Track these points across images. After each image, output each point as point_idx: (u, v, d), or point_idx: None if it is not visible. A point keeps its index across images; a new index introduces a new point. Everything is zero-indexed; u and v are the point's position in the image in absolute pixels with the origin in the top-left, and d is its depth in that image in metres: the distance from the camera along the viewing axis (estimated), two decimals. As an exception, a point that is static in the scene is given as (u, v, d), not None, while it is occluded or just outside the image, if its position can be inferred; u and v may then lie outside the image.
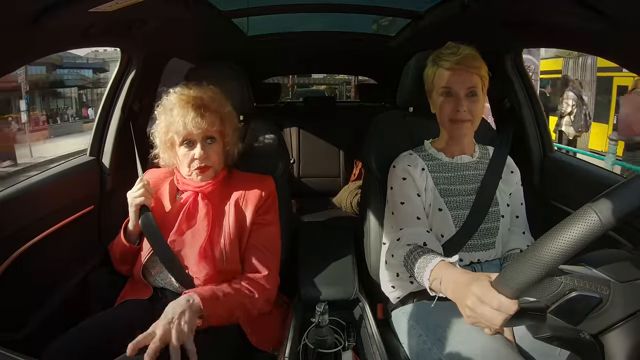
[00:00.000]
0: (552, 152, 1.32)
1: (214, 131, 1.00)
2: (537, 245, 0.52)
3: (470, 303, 0.62)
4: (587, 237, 0.49)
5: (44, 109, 13.05)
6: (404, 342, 0.98)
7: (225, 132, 1.04)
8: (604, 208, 0.48)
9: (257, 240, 1.03)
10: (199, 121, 0.96)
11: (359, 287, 1.23)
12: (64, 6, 0.77)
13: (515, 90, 1.33)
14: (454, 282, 0.71)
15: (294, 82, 12.92)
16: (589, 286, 0.54)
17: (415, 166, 1.02)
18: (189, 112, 0.96)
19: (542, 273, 0.52)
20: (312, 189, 2.38)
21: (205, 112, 0.98)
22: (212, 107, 1.00)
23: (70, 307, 1.11)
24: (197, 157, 0.98)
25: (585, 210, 0.49)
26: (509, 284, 0.56)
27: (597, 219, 0.48)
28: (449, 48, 0.97)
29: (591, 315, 0.54)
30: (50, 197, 1.11)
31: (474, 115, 0.97)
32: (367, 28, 2.03)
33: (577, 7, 0.81)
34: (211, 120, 0.98)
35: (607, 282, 0.54)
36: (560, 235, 0.50)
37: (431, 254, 0.84)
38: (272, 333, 1.03)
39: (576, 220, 0.49)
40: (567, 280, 0.54)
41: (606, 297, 0.53)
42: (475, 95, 0.96)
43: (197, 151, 0.99)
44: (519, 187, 1.08)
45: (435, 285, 0.77)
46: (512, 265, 0.56)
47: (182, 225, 1.00)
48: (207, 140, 1.00)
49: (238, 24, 1.73)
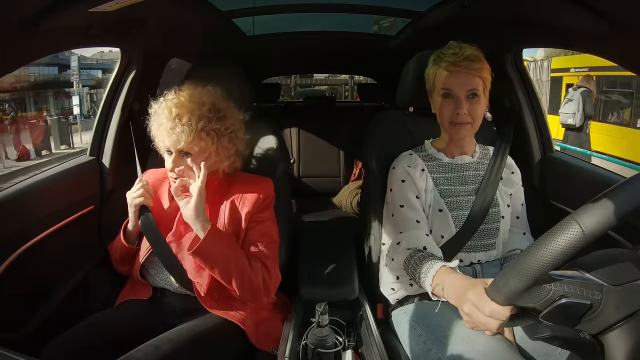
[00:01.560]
0: (552, 152, 1.32)
1: (190, 148, 0.93)
2: (523, 256, 0.53)
3: (467, 309, 0.64)
4: (570, 249, 0.49)
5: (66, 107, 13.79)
6: (404, 342, 0.98)
7: (205, 148, 0.94)
8: (586, 219, 0.48)
9: (254, 236, 1.01)
10: (174, 136, 0.91)
11: (359, 287, 1.23)
12: (64, 6, 0.77)
13: (515, 90, 1.33)
14: (454, 288, 0.73)
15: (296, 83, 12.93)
16: (579, 292, 0.53)
17: (415, 167, 1.02)
18: (166, 124, 0.92)
19: (529, 283, 0.53)
20: (312, 189, 2.38)
21: (183, 126, 0.90)
22: (192, 122, 0.91)
23: (70, 307, 1.11)
24: (169, 169, 0.94)
25: (568, 221, 0.50)
26: (500, 291, 0.58)
27: (580, 231, 0.48)
28: (450, 48, 0.95)
29: (584, 319, 0.54)
30: (50, 197, 1.11)
31: (474, 118, 0.95)
32: (368, 28, 2.03)
33: (577, 7, 0.81)
34: (186, 137, 0.90)
35: (600, 287, 0.54)
36: (544, 247, 0.51)
37: (431, 259, 0.85)
38: (273, 333, 1.03)
39: (559, 231, 0.50)
40: (556, 287, 0.54)
41: (598, 302, 0.53)
42: (476, 97, 0.94)
43: (168, 163, 0.94)
44: (519, 187, 1.08)
45: (437, 291, 0.78)
46: (502, 273, 0.57)
47: (179, 225, 1.00)
48: (183, 154, 0.94)
49: (241, 24, 1.73)
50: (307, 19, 1.86)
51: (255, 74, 2.56)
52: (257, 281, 0.94)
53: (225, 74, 1.21)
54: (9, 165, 8.41)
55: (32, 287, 1.04)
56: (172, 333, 0.86)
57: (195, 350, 0.85)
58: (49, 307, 1.08)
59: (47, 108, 13.49)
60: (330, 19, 1.85)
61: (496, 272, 0.72)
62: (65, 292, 1.13)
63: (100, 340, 0.87)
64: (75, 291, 1.16)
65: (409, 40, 1.76)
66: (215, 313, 0.95)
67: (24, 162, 8.65)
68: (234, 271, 0.91)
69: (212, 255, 0.90)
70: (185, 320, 0.95)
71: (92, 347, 0.85)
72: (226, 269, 0.91)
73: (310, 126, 2.41)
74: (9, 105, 10.55)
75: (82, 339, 0.87)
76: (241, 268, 0.92)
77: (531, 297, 0.55)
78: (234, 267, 0.91)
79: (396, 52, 1.91)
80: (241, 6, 1.57)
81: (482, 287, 0.62)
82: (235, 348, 0.95)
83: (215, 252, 0.90)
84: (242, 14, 1.61)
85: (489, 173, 1.03)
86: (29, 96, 13.07)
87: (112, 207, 1.31)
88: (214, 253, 0.90)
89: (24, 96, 12.80)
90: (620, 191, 0.48)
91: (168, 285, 1.00)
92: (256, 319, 1.00)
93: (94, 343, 0.86)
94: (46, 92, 13.94)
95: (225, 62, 1.29)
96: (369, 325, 1.08)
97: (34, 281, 1.05)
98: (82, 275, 1.20)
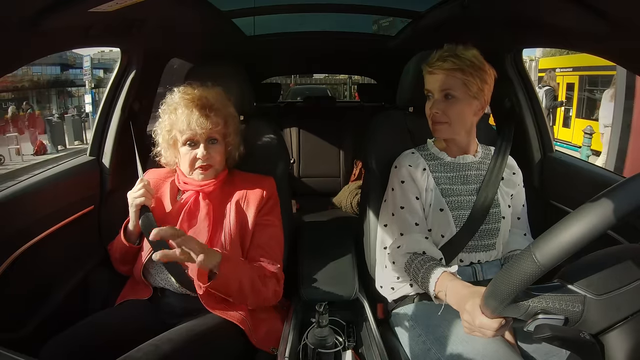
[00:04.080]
0: (552, 152, 1.32)
1: (217, 132, 1.01)
2: (498, 275, 0.56)
3: (465, 317, 0.70)
4: (527, 280, 0.51)
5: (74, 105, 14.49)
6: (404, 342, 0.98)
7: (228, 133, 1.05)
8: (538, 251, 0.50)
9: (261, 240, 1.03)
10: (203, 121, 0.97)
11: (359, 287, 1.22)
12: (64, 6, 0.77)
13: (515, 90, 1.33)
14: (454, 296, 0.77)
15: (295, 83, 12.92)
16: (559, 305, 0.54)
17: (417, 166, 1.02)
18: (194, 112, 0.97)
19: (503, 304, 0.56)
20: (312, 189, 2.38)
21: (209, 112, 0.98)
22: (217, 108, 1.00)
23: (70, 307, 1.11)
24: (200, 157, 0.99)
25: (524, 253, 0.52)
26: (486, 306, 0.61)
27: (534, 262, 0.50)
28: (439, 50, 0.98)
29: (569, 326, 0.55)
30: (50, 197, 1.11)
31: (450, 118, 0.97)
32: (368, 28, 2.03)
33: (577, 7, 0.81)
34: (215, 121, 0.99)
35: (581, 298, 0.54)
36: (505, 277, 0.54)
37: (432, 263, 0.88)
38: (273, 333, 1.03)
39: (516, 263, 0.52)
40: (534, 302, 0.55)
41: (577, 315, 0.54)
42: (452, 98, 0.95)
43: (200, 151, 0.99)
44: (521, 188, 1.08)
45: (441, 296, 0.83)
46: (487, 289, 0.60)
47: (183, 225, 1.00)
48: (210, 141, 1.01)
49: (242, 24, 1.73)
50: (307, 19, 1.86)
51: (256, 74, 2.56)
52: (268, 294, 0.99)
53: (225, 74, 1.21)
54: (27, 159, 8.78)
55: (32, 287, 1.04)
56: (172, 333, 0.86)
57: (195, 350, 0.84)
58: (49, 307, 1.08)
59: (64, 105, 14.25)
60: (330, 19, 1.85)
61: (496, 272, 0.73)
62: (65, 292, 1.13)
63: (101, 339, 0.87)
64: (75, 291, 1.16)
65: (409, 40, 1.76)
66: (215, 313, 0.95)
67: (42, 157, 9.00)
68: (247, 291, 0.94)
69: (227, 285, 0.91)
70: (185, 320, 0.95)
71: (92, 347, 0.85)
72: (240, 293, 0.93)
73: (310, 126, 2.40)
74: (26, 103, 10.97)
75: (81, 338, 0.87)
76: (253, 285, 0.95)
77: (513, 312, 0.57)
78: (248, 288, 0.94)
79: (396, 52, 1.91)
80: (241, 6, 1.57)
81: (478, 298, 0.65)
82: (235, 348, 0.95)
83: (229, 282, 0.91)
84: (242, 14, 1.62)
85: (489, 173, 1.03)
86: (48, 94, 14.06)
87: (112, 207, 1.31)
88: (229, 283, 0.91)
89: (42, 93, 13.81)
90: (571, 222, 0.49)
91: (168, 285, 1.00)
92: (256, 319, 1.00)
93: (94, 342, 0.86)
94: (58, 90, 14.67)
95: (225, 62, 1.29)
96: (369, 325, 1.08)
97: (34, 281, 1.04)
98: (82, 275, 1.20)
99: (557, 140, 6.97)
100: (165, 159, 1.07)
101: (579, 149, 5.93)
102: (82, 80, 12.80)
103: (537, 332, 0.55)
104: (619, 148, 3.93)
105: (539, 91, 5.47)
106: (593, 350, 0.55)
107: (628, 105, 3.94)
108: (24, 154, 8.90)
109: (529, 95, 1.33)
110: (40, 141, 9.42)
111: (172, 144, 1.04)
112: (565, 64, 8.13)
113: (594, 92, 7.43)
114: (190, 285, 0.96)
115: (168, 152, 1.06)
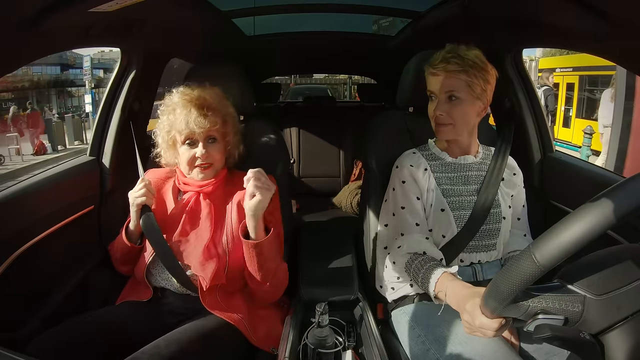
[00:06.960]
0: (552, 152, 1.32)
1: (216, 131, 1.01)
2: (497, 276, 0.56)
3: (465, 318, 0.70)
4: (527, 280, 0.51)
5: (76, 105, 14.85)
6: (404, 342, 0.98)
7: (227, 133, 1.05)
8: (538, 251, 0.50)
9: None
10: (201, 121, 0.97)
11: (359, 287, 1.23)
12: (64, 6, 0.77)
13: (515, 90, 1.33)
14: (455, 296, 0.77)
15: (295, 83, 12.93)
16: (558, 305, 0.54)
17: (418, 166, 1.02)
18: (192, 112, 0.97)
19: (503, 304, 0.56)
20: (312, 189, 2.38)
21: (207, 111, 0.98)
22: (215, 107, 1.01)
23: (70, 307, 1.11)
24: (199, 155, 1.00)
25: (524, 253, 0.52)
26: (486, 306, 0.61)
27: (534, 262, 0.50)
28: (442, 50, 0.97)
29: (569, 326, 0.55)
30: (50, 197, 1.11)
31: (454, 119, 0.96)
32: (368, 28, 2.03)
33: (577, 7, 0.81)
34: (213, 120, 0.99)
35: (581, 299, 0.54)
36: (505, 277, 0.54)
37: (432, 264, 0.88)
38: (273, 333, 1.03)
39: (516, 263, 0.52)
40: (534, 302, 0.55)
41: (577, 315, 0.54)
42: (455, 99, 0.95)
43: (199, 150, 1.00)
44: (521, 189, 1.08)
45: (440, 296, 0.83)
46: (486, 289, 0.60)
47: (186, 225, 1.00)
48: (209, 140, 1.01)
49: (242, 24, 1.73)
50: (307, 19, 1.86)
51: (255, 74, 2.56)
52: (284, 278, 1.05)
53: (225, 74, 1.21)
54: (27, 159, 8.80)
55: (32, 287, 1.04)
56: (175, 334, 0.86)
57: (198, 351, 0.84)
58: (49, 307, 1.08)
59: (64, 105, 14.54)
60: (330, 19, 1.85)
61: (496, 272, 0.73)
62: (65, 292, 1.13)
63: (100, 338, 0.87)
64: (75, 291, 1.16)
65: (409, 40, 1.76)
66: (214, 313, 0.95)
67: (42, 157, 9.02)
68: (278, 262, 0.99)
69: (270, 247, 0.94)
70: (184, 319, 0.95)
71: (91, 345, 0.85)
72: (274, 262, 0.98)
73: (310, 126, 2.40)
74: (29, 102, 10.98)
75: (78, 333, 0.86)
76: (281, 259, 1.00)
77: (513, 312, 0.57)
78: (279, 259, 0.99)
79: (396, 52, 1.91)
80: (241, 6, 1.57)
81: (478, 299, 0.65)
82: (236, 348, 0.95)
83: (272, 245, 0.95)
84: (242, 14, 1.62)
85: (489, 174, 1.03)
86: (48, 94, 14.20)
87: (112, 207, 1.31)
88: (271, 245, 0.95)
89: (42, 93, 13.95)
90: (571, 222, 0.49)
91: (169, 285, 1.00)
92: (255, 320, 1.00)
93: (94, 340, 0.86)
94: (58, 90, 14.83)
95: (225, 62, 1.29)
96: (368, 325, 1.08)
97: (34, 281, 1.04)
98: (82, 275, 1.20)
99: (557, 140, 7.01)
100: (165, 160, 1.08)
101: (579, 149, 5.96)
102: (82, 80, 12.93)
103: (537, 332, 0.55)
104: (619, 148, 3.93)
105: (538, 91, 5.50)
106: (593, 350, 0.55)
107: (628, 106, 3.95)
108: (24, 154, 8.92)
109: (529, 95, 1.33)
110: (40, 141, 9.45)
111: (171, 144, 1.04)
112: (565, 64, 8.17)
113: (594, 92, 7.45)
114: (191, 286, 0.97)
115: (168, 152, 1.06)
